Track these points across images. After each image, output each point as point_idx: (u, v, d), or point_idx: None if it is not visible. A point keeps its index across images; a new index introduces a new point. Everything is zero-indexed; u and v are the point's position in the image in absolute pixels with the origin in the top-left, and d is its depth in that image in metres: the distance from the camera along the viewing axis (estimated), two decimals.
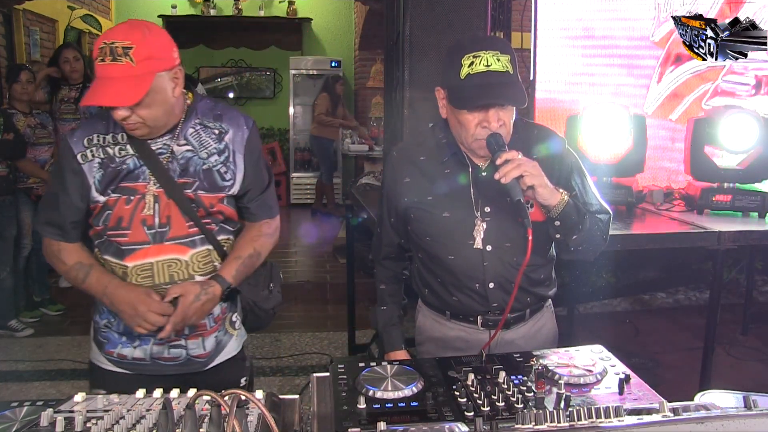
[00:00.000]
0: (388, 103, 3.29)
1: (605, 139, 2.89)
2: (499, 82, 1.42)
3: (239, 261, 1.63)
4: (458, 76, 1.44)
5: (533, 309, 1.68)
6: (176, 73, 1.49)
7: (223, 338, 1.70)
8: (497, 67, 1.42)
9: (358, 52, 8.00)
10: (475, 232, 1.56)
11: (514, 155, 1.41)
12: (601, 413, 0.96)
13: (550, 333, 1.75)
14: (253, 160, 1.63)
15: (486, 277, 1.58)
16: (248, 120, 1.64)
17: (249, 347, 4.29)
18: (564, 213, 1.47)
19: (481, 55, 1.43)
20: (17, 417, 1.08)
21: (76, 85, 4.57)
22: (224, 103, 1.72)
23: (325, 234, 6.47)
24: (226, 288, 1.60)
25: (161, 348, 1.61)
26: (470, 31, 2.61)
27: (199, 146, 1.57)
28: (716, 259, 2.63)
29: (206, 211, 1.57)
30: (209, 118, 1.61)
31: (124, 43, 1.39)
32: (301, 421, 1.21)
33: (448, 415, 1.15)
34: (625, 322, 4.33)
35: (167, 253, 1.55)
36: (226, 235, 1.64)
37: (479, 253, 1.56)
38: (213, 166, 1.57)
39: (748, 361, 3.68)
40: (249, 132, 1.62)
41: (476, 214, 1.56)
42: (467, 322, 1.65)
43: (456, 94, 1.47)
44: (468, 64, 1.43)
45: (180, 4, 8.01)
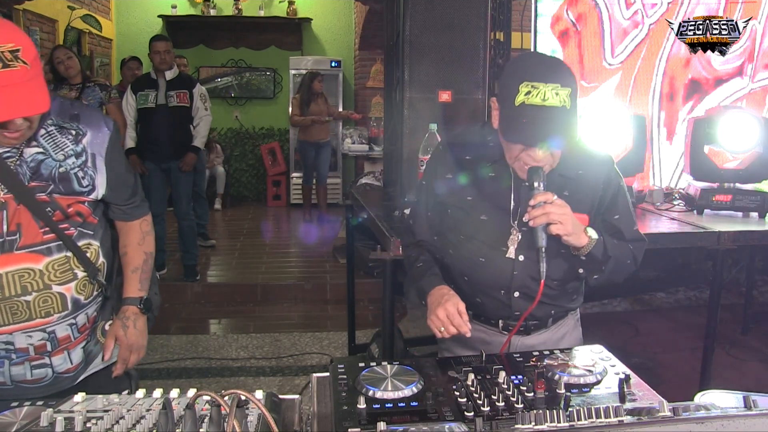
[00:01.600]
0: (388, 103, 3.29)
1: (605, 139, 2.89)
2: (553, 119, 1.36)
3: (138, 272, 1.63)
4: (513, 101, 1.38)
5: (556, 317, 1.67)
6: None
7: (94, 348, 1.62)
8: (554, 102, 1.35)
9: (358, 52, 8.00)
10: (509, 241, 1.55)
11: (548, 198, 1.41)
12: (601, 413, 0.96)
13: (573, 340, 1.73)
14: (116, 162, 1.55)
15: (512, 286, 1.57)
16: (108, 120, 1.56)
17: (249, 347, 4.31)
18: (590, 254, 1.49)
19: (539, 87, 1.36)
20: (17, 417, 1.08)
21: (76, 86, 4.57)
22: (79, 102, 1.65)
23: (324, 234, 6.47)
24: (138, 303, 1.62)
25: (22, 369, 1.50)
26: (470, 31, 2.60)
27: (53, 148, 1.46)
28: (716, 259, 2.63)
29: (63, 213, 1.46)
30: (65, 118, 1.49)
31: (7, 46, 1.25)
32: (301, 421, 1.21)
33: (448, 415, 1.15)
34: (625, 323, 4.33)
35: (18, 263, 1.42)
36: (86, 239, 1.53)
37: (510, 263, 1.55)
38: (70, 169, 1.47)
39: (748, 361, 3.68)
40: (110, 134, 1.53)
41: (513, 224, 1.54)
42: (489, 324, 1.66)
43: (506, 122, 1.43)
44: (525, 92, 1.37)
45: (180, 4, 8.01)
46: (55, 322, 1.49)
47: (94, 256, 1.56)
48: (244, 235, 6.69)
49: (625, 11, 3.26)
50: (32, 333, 1.48)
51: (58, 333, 1.51)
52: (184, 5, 8.07)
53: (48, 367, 1.52)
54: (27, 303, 1.44)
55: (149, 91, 4.76)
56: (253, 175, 8.52)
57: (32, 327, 1.47)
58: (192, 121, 4.91)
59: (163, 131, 4.74)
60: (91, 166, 1.50)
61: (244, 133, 8.47)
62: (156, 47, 4.72)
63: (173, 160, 4.83)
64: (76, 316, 1.53)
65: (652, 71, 3.36)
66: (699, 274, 4.82)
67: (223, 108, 8.36)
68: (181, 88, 4.81)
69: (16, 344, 1.48)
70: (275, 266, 5.52)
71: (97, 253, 1.57)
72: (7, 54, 1.24)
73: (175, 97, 4.76)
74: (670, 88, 3.38)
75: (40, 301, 1.46)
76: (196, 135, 4.91)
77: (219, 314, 4.70)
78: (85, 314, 1.56)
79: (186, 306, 4.82)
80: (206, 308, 4.79)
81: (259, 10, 8.12)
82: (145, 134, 4.82)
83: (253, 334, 4.20)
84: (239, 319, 4.59)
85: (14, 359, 1.48)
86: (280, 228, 7.30)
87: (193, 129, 4.92)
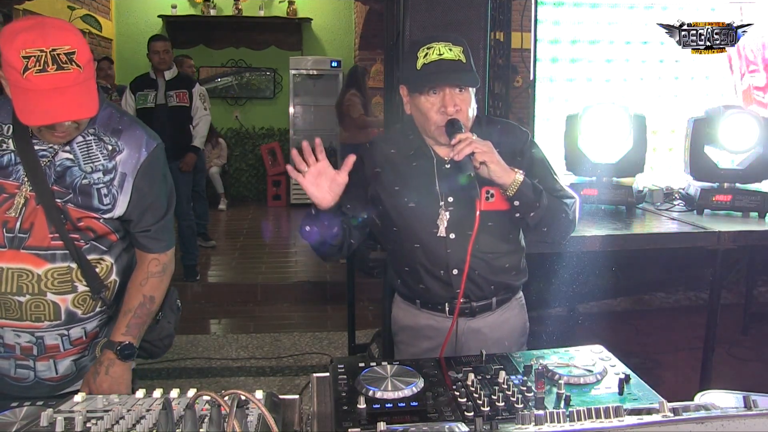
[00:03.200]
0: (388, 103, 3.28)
1: (605, 139, 2.89)
2: (451, 69, 1.54)
3: (129, 315, 1.53)
4: (415, 67, 1.57)
5: (500, 299, 1.74)
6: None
7: (89, 364, 1.57)
8: (450, 56, 1.55)
9: (358, 52, 8.00)
10: (438, 221, 1.65)
11: (468, 136, 1.52)
12: (601, 413, 0.96)
13: (518, 324, 1.80)
14: (146, 187, 1.50)
15: (450, 264, 1.66)
16: (151, 142, 1.52)
17: (249, 347, 4.30)
18: (519, 192, 1.55)
19: (433, 46, 1.56)
20: (17, 417, 1.08)
21: None
22: (130, 117, 1.57)
23: None
24: (116, 348, 1.50)
25: (7, 365, 1.50)
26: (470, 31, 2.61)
27: (84, 158, 1.44)
28: (716, 259, 2.62)
29: (73, 225, 1.44)
30: (107, 131, 1.48)
31: (64, 48, 1.26)
32: (301, 421, 1.21)
33: (448, 415, 1.15)
34: (625, 323, 4.33)
35: (20, 261, 1.41)
36: (98, 254, 1.50)
37: (443, 241, 1.65)
38: (94, 183, 1.45)
39: (748, 361, 3.68)
40: (147, 156, 1.49)
41: (440, 204, 1.65)
42: (436, 310, 1.73)
43: (413, 83, 1.60)
44: (423, 56, 1.56)
45: (180, 4, 8.01)
46: (45, 329, 1.47)
47: (105, 272, 1.52)
48: (244, 235, 6.69)
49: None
50: (21, 333, 1.47)
51: (47, 340, 1.49)
52: (184, 5, 8.07)
53: (31, 369, 1.51)
54: (20, 303, 1.44)
55: (148, 91, 4.76)
56: (253, 175, 8.52)
57: (21, 327, 1.46)
58: (191, 121, 4.91)
59: (162, 131, 4.70)
60: (117, 186, 1.47)
61: (244, 133, 8.47)
62: (155, 47, 4.71)
63: (173, 160, 4.82)
64: (69, 329, 1.50)
65: None
66: (699, 274, 4.81)
67: (223, 108, 8.35)
68: (180, 88, 4.81)
69: (5, 339, 1.48)
70: (275, 266, 5.52)
71: (109, 270, 1.53)
72: (62, 56, 1.26)
73: (174, 96, 4.76)
74: None
75: (32, 305, 1.44)
76: (196, 135, 4.91)
77: (219, 314, 4.70)
78: (82, 328, 1.53)
79: (186, 306, 4.75)
80: (206, 308, 4.79)
81: (259, 10, 8.12)
82: None
83: (253, 334, 4.20)
84: (239, 319, 4.59)
85: (1, 352, 1.49)
86: (280, 228, 7.29)
87: (192, 129, 4.92)
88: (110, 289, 1.55)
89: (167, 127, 4.75)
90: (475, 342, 1.68)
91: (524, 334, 1.83)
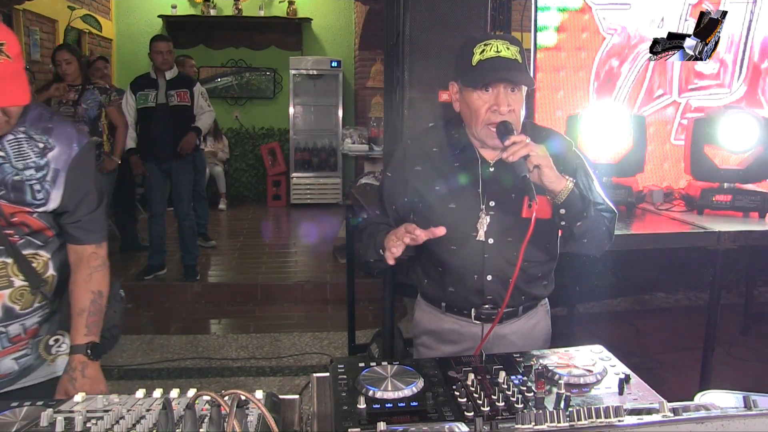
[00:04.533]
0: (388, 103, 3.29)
1: (605, 139, 2.89)
2: (508, 67, 1.51)
3: (84, 314, 1.53)
4: (470, 63, 1.53)
5: (526, 306, 1.71)
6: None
7: (34, 362, 1.57)
8: (507, 54, 1.51)
9: (358, 52, 8.00)
10: (478, 225, 1.60)
11: (523, 138, 1.47)
12: (601, 413, 0.96)
13: (543, 330, 1.77)
14: (79, 180, 1.52)
15: (485, 269, 1.62)
16: (82, 138, 1.54)
17: (249, 347, 4.30)
18: (568, 200, 1.50)
19: (491, 43, 1.52)
20: (17, 417, 1.08)
21: (76, 87, 4.57)
22: (60, 116, 1.58)
23: (326, 234, 6.48)
24: (85, 350, 1.50)
25: None
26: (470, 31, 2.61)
27: (15, 155, 1.45)
28: (716, 259, 2.63)
29: (6, 221, 1.44)
30: (37, 130, 1.48)
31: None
32: (301, 421, 1.21)
33: (448, 415, 1.15)
34: (625, 323, 4.33)
35: None
36: (33, 249, 1.50)
37: (481, 245, 1.61)
38: (26, 180, 1.45)
39: (748, 361, 3.68)
40: (79, 150, 1.51)
41: (481, 207, 1.60)
42: (461, 315, 1.69)
43: (468, 78, 1.54)
44: (480, 52, 1.52)
45: (180, 4, 8.01)
46: None
47: (42, 267, 1.53)
48: (244, 235, 6.69)
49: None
50: None
51: None
52: (184, 5, 8.07)
53: None
54: None
55: (149, 91, 4.77)
56: (253, 175, 8.52)
57: None
58: (193, 121, 4.92)
59: (163, 130, 4.74)
60: (50, 181, 1.48)
61: (244, 133, 8.47)
62: (158, 47, 4.72)
63: (174, 159, 4.83)
64: (7, 325, 1.49)
65: None
66: (699, 274, 4.82)
67: (223, 108, 8.35)
68: (181, 88, 4.82)
69: None
70: (275, 266, 5.52)
71: (46, 265, 1.54)
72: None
73: (175, 96, 4.77)
74: None
75: None
76: (198, 120, 4.91)
77: (219, 314, 4.70)
78: (21, 325, 1.52)
79: (186, 306, 4.81)
80: (206, 308, 4.79)
81: (259, 10, 8.12)
82: (145, 134, 4.83)
83: (253, 334, 4.20)
84: (239, 319, 4.59)
85: None
86: (280, 228, 7.30)
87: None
88: (49, 284, 1.55)
89: (168, 126, 4.76)
90: (501, 348, 1.64)
91: (549, 339, 1.80)
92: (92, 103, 4.58)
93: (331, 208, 7.65)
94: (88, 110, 4.56)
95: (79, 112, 4.51)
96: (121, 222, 5.77)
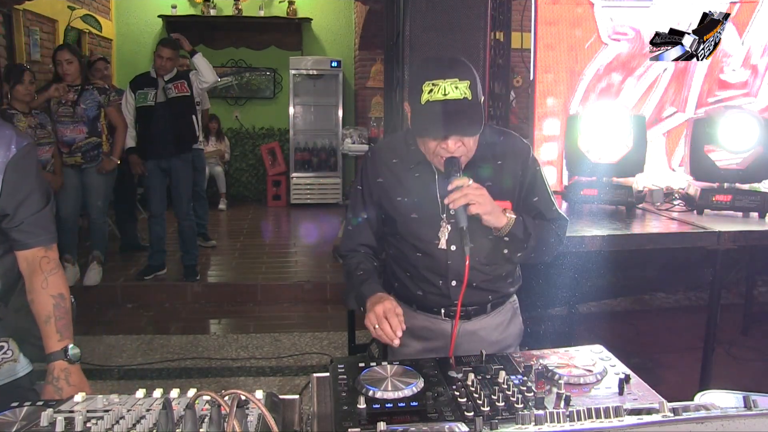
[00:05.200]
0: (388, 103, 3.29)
1: (605, 139, 2.89)
2: (456, 111, 1.47)
3: (51, 321, 1.50)
4: (419, 100, 1.49)
5: (494, 303, 1.77)
6: None
7: None
8: (455, 95, 1.47)
9: (358, 52, 8.00)
10: (440, 233, 1.65)
11: (465, 182, 1.51)
12: (601, 413, 0.96)
13: (513, 326, 1.83)
14: (18, 181, 1.48)
15: (449, 275, 1.68)
16: (21, 141, 1.50)
17: (249, 347, 4.30)
18: (511, 233, 1.59)
19: (439, 84, 1.47)
20: (17, 417, 1.08)
21: (74, 87, 4.57)
22: (1, 120, 1.57)
23: (326, 234, 6.48)
24: (63, 356, 1.49)
25: None
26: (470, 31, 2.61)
27: None
28: (716, 259, 2.63)
29: None
30: None
31: None
32: (301, 421, 1.21)
33: (448, 415, 1.15)
34: (625, 323, 4.33)
35: None
36: None
37: (444, 253, 1.66)
38: None
39: (748, 361, 3.68)
40: (17, 152, 1.47)
41: (442, 216, 1.64)
42: (432, 312, 1.75)
43: (415, 120, 1.54)
44: (428, 91, 1.48)
45: (180, 4, 8.00)
46: None
47: None
48: (244, 235, 6.69)
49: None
50: None
51: None
52: (184, 5, 8.07)
53: None
54: None
55: (148, 90, 4.77)
56: (253, 175, 8.52)
57: None
58: (194, 110, 4.92)
59: (163, 127, 4.75)
60: None
61: (244, 133, 8.47)
62: (160, 52, 4.73)
63: (174, 157, 4.83)
64: None
65: None
66: (699, 274, 4.82)
67: (223, 108, 8.35)
68: (178, 80, 4.83)
69: None
70: (275, 266, 5.52)
71: None
72: None
73: (173, 89, 4.77)
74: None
75: None
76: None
77: (219, 314, 4.70)
78: None
79: (186, 306, 4.81)
80: (206, 308, 4.79)
81: (259, 10, 8.12)
82: (145, 132, 4.83)
83: (253, 334, 4.20)
84: (239, 319, 4.59)
85: None
86: (280, 228, 7.29)
87: (195, 120, 4.93)
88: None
89: (169, 122, 4.76)
90: (472, 344, 1.70)
91: (520, 335, 1.86)
92: (91, 104, 4.58)
93: (331, 208, 7.64)
94: (87, 110, 4.55)
95: (78, 113, 4.51)
96: (121, 222, 5.77)
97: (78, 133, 4.56)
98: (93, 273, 4.76)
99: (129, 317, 4.57)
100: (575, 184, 2.96)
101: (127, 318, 4.55)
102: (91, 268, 4.77)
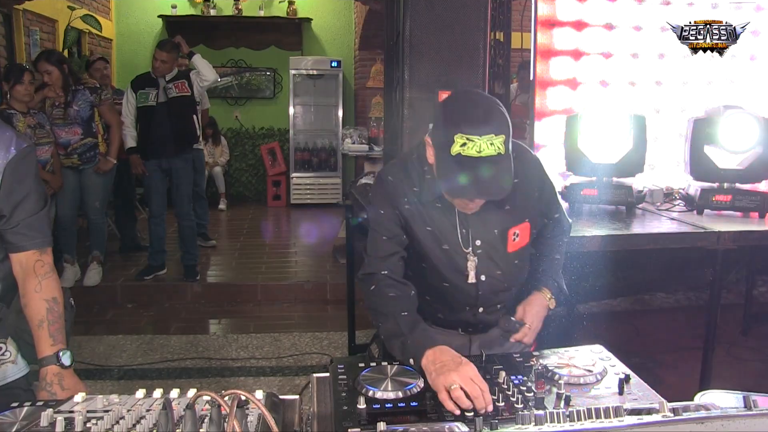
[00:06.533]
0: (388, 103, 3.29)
1: (605, 139, 2.89)
2: (489, 171, 1.38)
3: (44, 325, 1.49)
4: (449, 150, 1.38)
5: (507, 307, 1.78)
6: None
7: None
8: (489, 152, 1.36)
9: (358, 52, 8.00)
10: (468, 267, 1.61)
11: (524, 333, 1.67)
12: (601, 413, 0.96)
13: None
14: (15, 183, 1.48)
15: (478, 304, 1.67)
16: (20, 143, 1.50)
17: (249, 347, 4.30)
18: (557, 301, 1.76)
19: (474, 140, 1.36)
20: (17, 417, 1.08)
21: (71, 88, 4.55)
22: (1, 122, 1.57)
23: (326, 234, 6.48)
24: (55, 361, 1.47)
25: None
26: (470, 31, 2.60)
27: None
28: (716, 259, 2.62)
29: None
30: None
31: None
32: (301, 421, 1.21)
33: (448, 415, 1.15)
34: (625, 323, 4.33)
35: None
36: None
37: (474, 285, 1.63)
38: None
39: (748, 361, 3.68)
40: (16, 153, 1.48)
41: (467, 250, 1.60)
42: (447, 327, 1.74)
43: (443, 170, 1.43)
44: (460, 144, 1.36)
45: (180, 4, 8.00)
46: None
47: None
48: (244, 235, 6.69)
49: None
50: None
51: None
52: (184, 5, 8.07)
53: None
54: None
55: (150, 90, 4.78)
56: (253, 175, 8.52)
57: None
58: (194, 109, 4.92)
59: (164, 127, 4.75)
60: None
61: (244, 133, 8.47)
62: (156, 54, 4.74)
63: (174, 157, 4.83)
64: None
65: None
66: (699, 274, 4.81)
67: (223, 108, 8.35)
68: (179, 79, 4.83)
69: None
70: (275, 266, 5.52)
71: None
72: None
73: (174, 88, 4.77)
74: None
75: None
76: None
77: (219, 314, 4.70)
78: None
79: (186, 306, 4.81)
80: (206, 308, 4.79)
81: (259, 10, 8.12)
82: (146, 132, 4.83)
83: (253, 334, 4.20)
84: (239, 319, 4.59)
85: None
86: (280, 228, 7.29)
87: (195, 119, 4.94)
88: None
89: (170, 122, 4.76)
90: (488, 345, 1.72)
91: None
92: (84, 104, 4.53)
93: (331, 208, 7.64)
94: (80, 111, 4.51)
95: (70, 114, 4.46)
96: (121, 222, 5.77)
97: (73, 135, 4.52)
98: (93, 273, 4.76)
99: (129, 317, 4.57)
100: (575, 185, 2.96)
101: (127, 318, 4.55)
102: (91, 268, 4.77)
